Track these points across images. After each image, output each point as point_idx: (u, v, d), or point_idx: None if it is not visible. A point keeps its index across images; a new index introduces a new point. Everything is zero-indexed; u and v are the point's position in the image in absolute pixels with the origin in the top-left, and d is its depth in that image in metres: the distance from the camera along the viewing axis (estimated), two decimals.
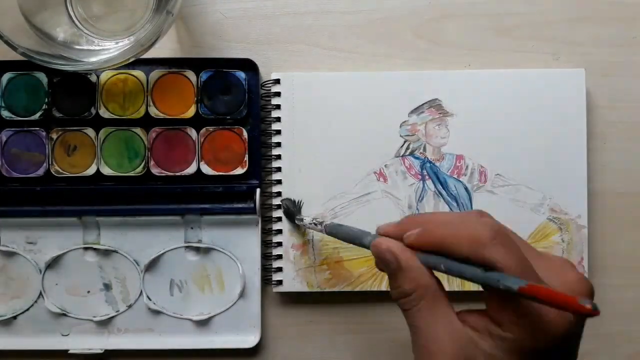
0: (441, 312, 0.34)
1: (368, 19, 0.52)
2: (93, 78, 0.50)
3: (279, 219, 0.51)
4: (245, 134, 0.51)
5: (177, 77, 0.51)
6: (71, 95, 0.50)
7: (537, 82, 0.50)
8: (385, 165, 0.51)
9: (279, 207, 0.51)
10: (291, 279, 0.51)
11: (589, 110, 0.51)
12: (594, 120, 0.52)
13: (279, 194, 0.51)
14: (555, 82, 0.50)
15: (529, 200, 0.50)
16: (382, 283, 0.50)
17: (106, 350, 0.51)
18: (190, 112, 0.50)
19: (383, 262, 0.36)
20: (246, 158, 0.51)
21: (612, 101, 0.52)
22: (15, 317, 0.51)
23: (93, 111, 0.50)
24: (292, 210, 0.50)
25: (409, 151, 0.51)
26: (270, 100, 0.51)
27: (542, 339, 0.32)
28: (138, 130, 0.51)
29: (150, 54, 0.45)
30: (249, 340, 0.51)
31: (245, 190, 0.51)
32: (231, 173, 0.51)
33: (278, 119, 0.51)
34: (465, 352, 0.33)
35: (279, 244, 0.51)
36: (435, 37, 0.52)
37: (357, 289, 0.51)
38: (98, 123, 0.50)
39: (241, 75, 0.51)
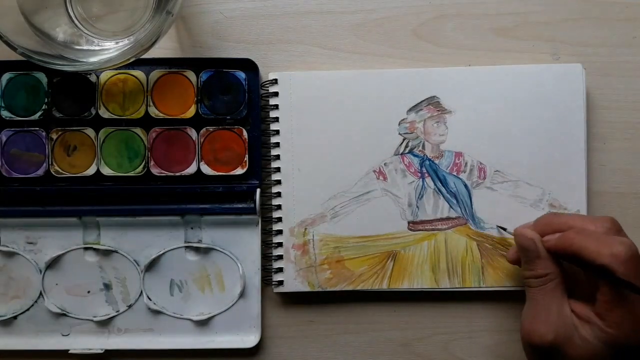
0: (558, 295, 0.43)
1: (368, 19, 0.52)
2: (93, 78, 0.50)
3: (279, 219, 0.51)
4: (245, 134, 0.51)
5: (177, 77, 0.51)
6: (71, 95, 0.50)
7: (534, 78, 0.50)
8: (384, 164, 0.51)
9: (279, 207, 0.51)
10: (292, 279, 0.51)
11: (589, 110, 0.51)
12: (594, 120, 0.52)
13: (278, 194, 0.51)
14: (553, 78, 0.50)
15: (528, 196, 0.50)
16: (382, 282, 0.50)
17: (106, 350, 0.51)
18: (190, 112, 0.50)
19: (524, 248, 0.45)
20: (246, 158, 0.51)
21: (612, 101, 0.52)
22: (15, 317, 0.51)
23: (93, 111, 0.50)
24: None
25: (408, 149, 0.51)
26: (269, 101, 0.51)
27: (637, 339, 0.40)
28: (138, 130, 0.51)
29: (150, 54, 0.45)
30: (249, 340, 0.51)
31: (245, 191, 0.51)
32: (231, 173, 0.51)
33: (277, 119, 0.51)
34: (565, 330, 0.42)
35: (280, 244, 0.51)
36: (435, 37, 0.52)
37: (359, 288, 0.51)
38: (98, 123, 0.51)
39: (241, 75, 0.51)
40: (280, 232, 0.51)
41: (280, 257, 0.51)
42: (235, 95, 0.51)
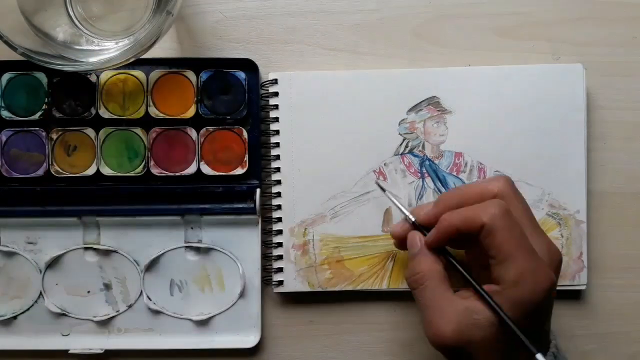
0: (443, 291, 0.42)
1: (368, 19, 0.52)
2: (93, 78, 0.50)
3: (279, 219, 0.51)
4: (245, 134, 0.51)
5: (177, 77, 0.51)
6: (71, 95, 0.50)
7: (534, 78, 0.50)
8: (384, 164, 0.51)
9: (279, 207, 0.51)
10: (292, 279, 0.51)
11: (589, 110, 0.51)
12: (594, 120, 0.52)
13: (278, 194, 0.51)
14: (553, 78, 0.50)
15: (528, 196, 0.49)
16: (382, 282, 0.50)
17: (106, 350, 0.51)
18: (190, 112, 0.50)
19: (409, 246, 0.44)
20: (246, 158, 0.51)
21: (612, 101, 0.52)
22: (15, 317, 0.51)
23: (93, 111, 0.50)
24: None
25: (408, 149, 0.51)
26: (269, 101, 0.51)
27: (536, 291, 0.39)
28: (138, 130, 0.51)
29: (150, 54, 0.45)
30: (249, 340, 0.51)
31: (245, 190, 0.51)
32: (231, 173, 0.51)
33: (277, 119, 0.51)
34: (464, 320, 0.40)
35: (280, 244, 0.51)
36: (435, 37, 0.52)
37: (358, 288, 0.51)
38: (98, 123, 0.51)
39: (241, 75, 0.51)
40: (280, 232, 0.51)
41: (280, 257, 0.51)
42: (235, 95, 0.51)
